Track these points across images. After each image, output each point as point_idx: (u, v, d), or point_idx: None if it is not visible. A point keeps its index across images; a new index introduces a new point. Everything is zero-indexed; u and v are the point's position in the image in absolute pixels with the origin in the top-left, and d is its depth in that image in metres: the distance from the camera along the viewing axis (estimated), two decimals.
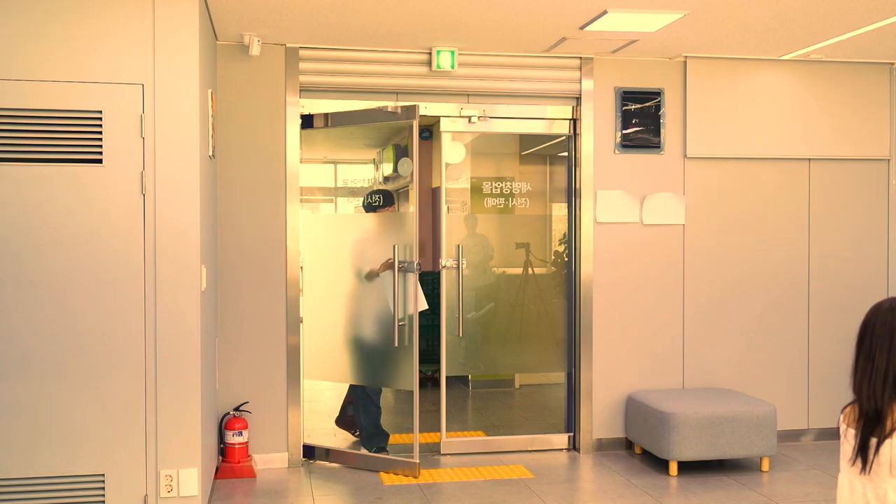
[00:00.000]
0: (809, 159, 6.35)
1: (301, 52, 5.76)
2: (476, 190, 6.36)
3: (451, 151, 6.25)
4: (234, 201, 5.71)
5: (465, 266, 6.08)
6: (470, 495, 5.19)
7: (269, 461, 5.75)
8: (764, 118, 6.26)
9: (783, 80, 6.29)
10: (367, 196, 6.08)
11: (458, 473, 5.62)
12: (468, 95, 6.07)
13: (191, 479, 4.37)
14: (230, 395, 5.69)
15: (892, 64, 6.38)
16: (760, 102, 6.26)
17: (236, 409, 5.63)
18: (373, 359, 5.95)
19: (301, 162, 5.82)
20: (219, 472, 5.48)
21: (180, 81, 4.34)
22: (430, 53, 5.86)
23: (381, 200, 6.05)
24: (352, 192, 6.53)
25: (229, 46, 5.66)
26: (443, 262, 6.06)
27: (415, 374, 5.52)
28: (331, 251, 6.01)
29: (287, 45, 5.73)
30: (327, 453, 5.84)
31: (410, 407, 6.53)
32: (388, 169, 9.09)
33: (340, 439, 6.47)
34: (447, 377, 6.15)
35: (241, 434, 5.55)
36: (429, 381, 8.13)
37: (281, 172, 5.77)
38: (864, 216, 6.45)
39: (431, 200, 7.61)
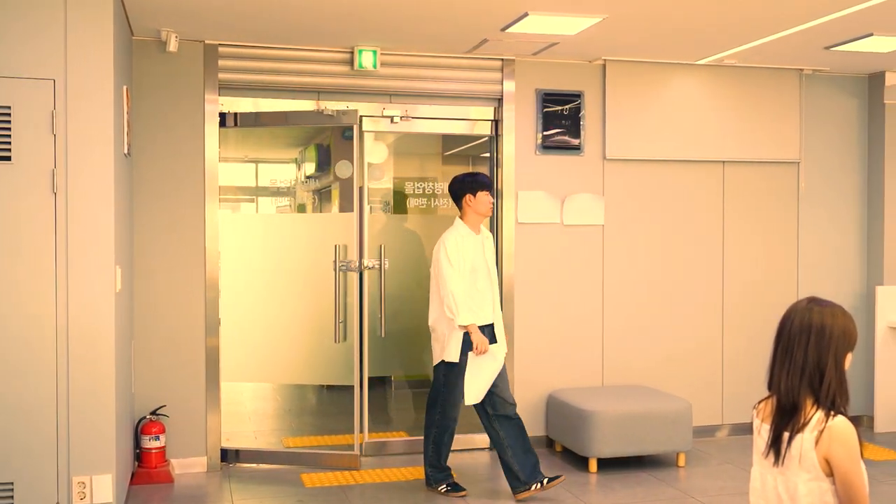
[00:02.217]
0: (723, 161, 6.50)
1: (220, 49, 5.65)
2: (399, 190, 6.33)
3: (374, 151, 6.21)
4: (151, 200, 5.57)
5: (387, 266, 6.04)
6: (391, 497, 5.16)
7: (188, 465, 5.62)
8: (680, 121, 6.38)
9: (699, 84, 6.42)
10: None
11: (379, 474, 5.58)
12: (390, 95, 6.03)
13: (105, 486, 4.24)
14: (147, 398, 5.54)
15: (802, 70, 6.58)
16: (677, 105, 6.38)
17: (153, 412, 5.49)
18: (311, 356, 5.95)
19: (221, 161, 5.71)
20: (135, 478, 5.33)
21: (93, 77, 4.20)
22: (352, 52, 5.81)
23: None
24: (275, 191, 6.43)
25: (146, 42, 5.51)
26: (364, 262, 6.01)
27: (355, 368, 5.68)
28: (258, 251, 5.93)
29: (206, 41, 5.61)
30: (244, 454, 5.74)
31: (335, 409, 6.48)
32: (310, 168, 8.99)
33: (262, 441, 6.37)
34: (369, 378, 6.10)
35: (157, 438, 5.41)
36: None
37: (200, 171, 5.64)
38: (775, 217, 6.64)
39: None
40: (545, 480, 5.05)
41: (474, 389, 5.03)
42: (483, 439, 6.24)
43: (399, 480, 5.47)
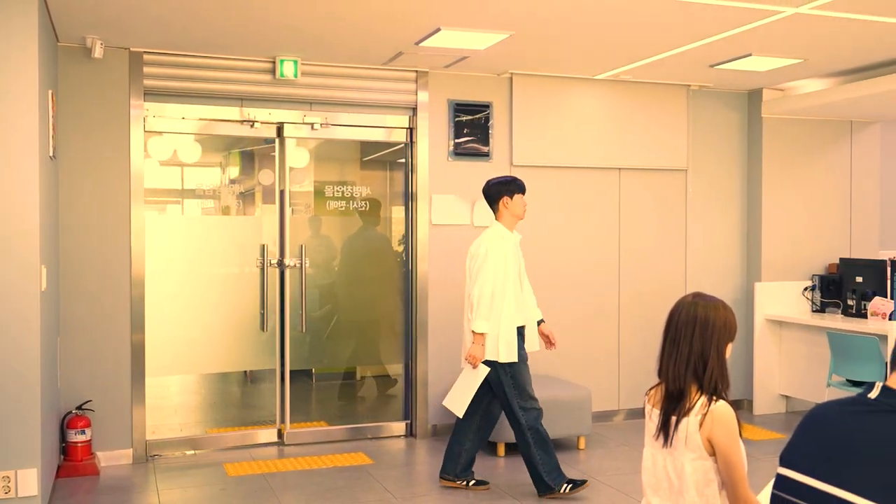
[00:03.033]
0: (619, 168, 6.62)
1: (145, 57, 5.48)
2: (319, 193, 6.26)
3: (295, 156, 6.13)
4: (78, 202, 5.37)
5: (308, 265, 5.98)
6: (313, 483, 5.09)
7: (114, 458, 5.44)
8: (580, 131, 6.47)
9: (598, 97, 6.52)
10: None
11: (301, 462, 5.50)
12: (311, 103, 5.96)
13: (30, 480, 4.06)
14: (73, 394, 5.34)
15: (689, 85, 6.75)
16: (578, 116, 6.46)
17: (79, 407, 5.29)
18: (236, 346, 5.94)
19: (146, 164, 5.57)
20: (61, 471, 5.13)
21: (17, 81, 4.02)
22: (274, 62, 5.72)
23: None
24: (200, 193, 6.28)
25: (72, 48, 5.31)
26: (286, 261, 5.94)
27: (276, 360, 5.76)
28: (185, 251, 5.81)
29: (131, 49, 5.44)
30: (169, 446, 5.60)
31: (258, 400, 6.37)
32: (234, 172, 8.81)
33: (187, 432, 6.21)
34: (291, 371, 6.02)
35: (83, 432, 5.22)
36: (273, 375, 7.93)
37: (125, 174, 5.47)
38: (665, 219, 6.79)
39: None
40: (570, 484, 4.80)
41: (460, 400, 4.77)
42: (398, 427, 6.23)
43: (320, 468, 5.40)
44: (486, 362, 4.78)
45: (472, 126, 6.21)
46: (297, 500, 4.79)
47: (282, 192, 5.99)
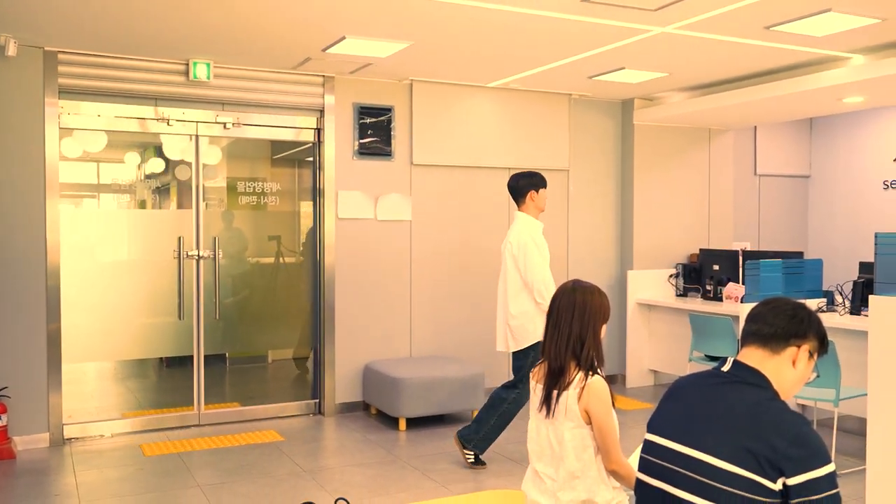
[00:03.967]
0: (509, 168, 6.70)
1: (60, 56, 5.22)
2: (232, 189, 6.11)
3: (208, 153, 5.96)
4: None
5: (221, 256, 5.83)
6: (226, 460, 4.98)
7: (31, 442, 5.19)
8: (474, 133, 6.52)
9: (490, 103, 6.59)
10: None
11: (215, 441, 5.37)
12: (223, 104, 5.80)
13: None
14: None
15: (571, 94, 6.89)
16: (471, 120, 6.51)
17: None
18: (157, 333, 5.76)
19: (62, 159, 5.30)
20: None
21: None
22: (187, 64, 5.53)
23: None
24: (117, 188, 6.03)
25: None
26: (200, 252, 5.77)
27: (194, 345, 5.63)
28: (102, 244, 5.55)
29: (45, 48, 5.16)
30: (86, 429, 5.37)
31: (174, 384, 6.19)
32: (149, 168, 8.48)
33: (104, 416, 5.97)
34: (205, 355, 5.87)
35: (0, 418, 4.95)
36: (188, 360, 7.70)
37: (40, 170, 5.20)
38: (549, 214, 6.89)
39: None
40: (475, 458, 4.81)
41: None
42: (308, 406, 6.16)
43: (234, 446, 5.29)
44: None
45: (375, 128, 6.17)
46: (212, 476, 4.67)
47: (196, 188, 5.82)
